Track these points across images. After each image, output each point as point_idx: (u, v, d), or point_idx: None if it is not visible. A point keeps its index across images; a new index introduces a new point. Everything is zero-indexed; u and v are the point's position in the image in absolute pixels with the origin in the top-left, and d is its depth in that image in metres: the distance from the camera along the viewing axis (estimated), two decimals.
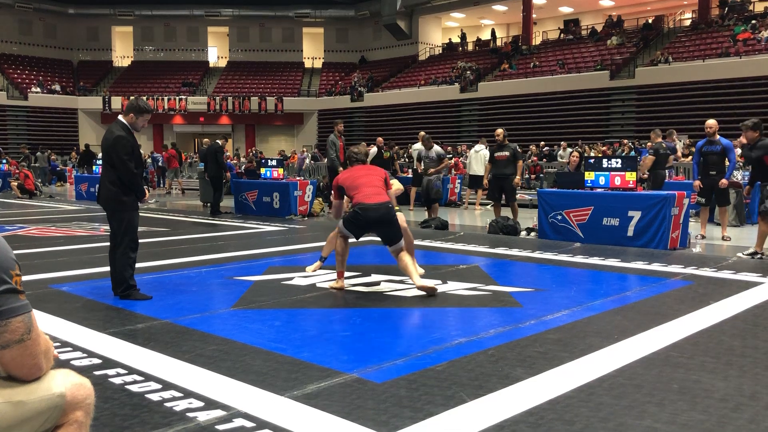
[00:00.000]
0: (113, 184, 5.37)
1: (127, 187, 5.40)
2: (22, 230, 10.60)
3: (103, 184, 5.48)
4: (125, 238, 5.43)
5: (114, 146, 5.34)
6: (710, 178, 9.16)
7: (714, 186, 9.16)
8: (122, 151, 5.33)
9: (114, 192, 5.37)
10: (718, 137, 9.12)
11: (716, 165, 9.14)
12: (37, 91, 38.09)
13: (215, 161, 13.34)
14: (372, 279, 6.21)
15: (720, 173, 9.13)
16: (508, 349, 3.93)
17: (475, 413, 2.95)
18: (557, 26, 37.43)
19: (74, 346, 4.01)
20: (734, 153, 9.26)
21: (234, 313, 4.95)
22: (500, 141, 10.91)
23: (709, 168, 9.18)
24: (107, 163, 5.43)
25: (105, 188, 5.44)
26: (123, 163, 5.34)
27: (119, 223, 5.43)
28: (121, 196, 5.38)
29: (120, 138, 5.37)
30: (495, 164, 10.88)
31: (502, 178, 10.79)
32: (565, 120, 28.24)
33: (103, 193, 5.46)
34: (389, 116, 35.61)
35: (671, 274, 6.42)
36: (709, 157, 9.17)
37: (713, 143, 9.11)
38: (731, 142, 9.36)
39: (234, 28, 43.85)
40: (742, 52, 24.76)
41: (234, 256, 7.74)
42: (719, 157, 9.13)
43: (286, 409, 3.01)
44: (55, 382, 1.83)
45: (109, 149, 5.36)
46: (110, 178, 5.40)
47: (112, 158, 5.36)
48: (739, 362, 3.67)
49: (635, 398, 3.12)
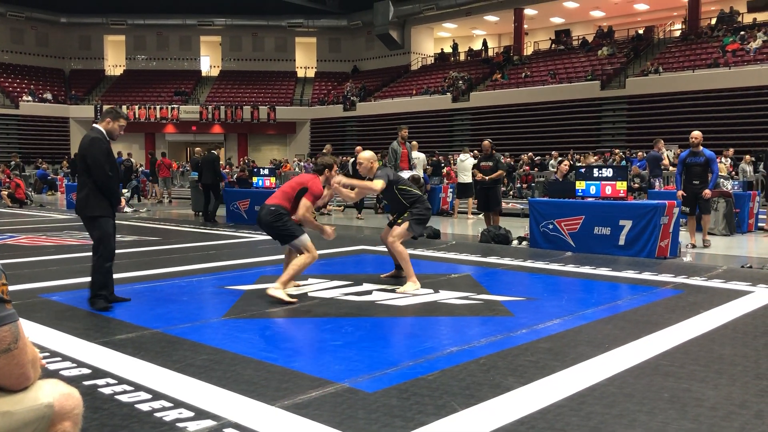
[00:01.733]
0: (86, 188, 5.27)
1: (102, 192, 5.27)
2: (12, 239, 10.53)
3: (79, 191, 5.36)
4: (100, 244, 5.34)
5: (89, 149, 5.22)
6: (693, 187, 9.33)
7: (697, 194, 9.31)
8: (98, 153, 5.20)
9: (86, 197, 5.27)
10: (702, 148, 9.28)
11: (699, 175, 9.32)
12: (28, 100, 37.99)
13: (212, 170, 13.45)
14: (364, 288, 6.21)
15: (703, 183, 9.29)
16: (500, 358, 3.93)
17: (466, 422, 2.95)
18: (548, 37, 37.68)
19: (63, 355, 3.99)
20: (716, 164, 9.44)
21: (225, 322, 4.93)
22: (487, 152, 11.22)
23: (693, 178, 9.36)
24: (82, 169, 5.29)
25: (79, 194, 5.33)
26: (98, 165, 5.20)
27: (92, 230, 5.34)
28: (93, 201, 5.27)
29: (96, 140, 5.26)
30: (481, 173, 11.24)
31: (486, 188, 11.10)
32: (556, 130, 28.38)
33: (78, 198, 5.35)
34: (381, 126, 35.67)
35: (662, 283, 6.45)
36: (693, 168, 9.36)
37: (697, 154, 9.29)
38: (714, 154, 9.52)
39: (226, 38, 43.90)
40: (731, 63, 24.99)
41: (225, 265, 7.72)
42: (702, 168, 9.30)
43: (276, 419, 2.99)
44: (42, 392, 1.82)
45: (85, 152, 5.24)
46: (84, 183, 5.29)
47: (87, 162, 5.23)
48: (730, 371, 3.68)
49: (626, 407, 3.12)
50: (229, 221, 13.41)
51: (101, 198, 5.29)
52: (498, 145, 24.80)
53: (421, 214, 6.44)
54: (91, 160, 5.20)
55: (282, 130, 41.02)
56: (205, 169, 13.66)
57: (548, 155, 24.13)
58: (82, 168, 5.32)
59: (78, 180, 5.42)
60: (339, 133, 37.77)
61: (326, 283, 6.47)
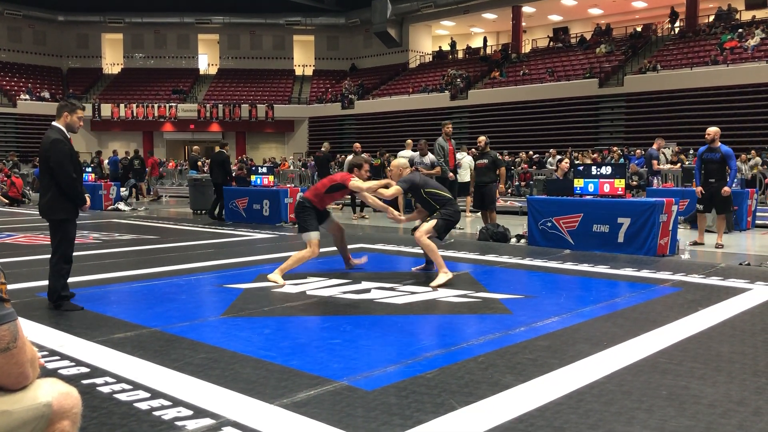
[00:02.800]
0: (50, 191, 5.15)
1: (66, 195, 5.14)
2: (9, 238, 10.52)
3: (43, 194, 5.22)
4: (60, 248, 5.24)
5: (50, 150, 5.06)
6: (710, 185, 9.10)
7: (714, 194, 9.09)
8: (60, 156, 5.05)
9: (50, 200, 5.15)
10: (719, 144, 9.04)
11: (716, 172, 9.06)
12: (26, 99, 37.93)
13: (222, 169, 13.67)
14: (362, 286, 6.20)
15: (719, 181, 9.05)
16: (498, 356, 3.94)
17: (464, 420, 2.95)
18: (546, 34, 37.70)
19: (62, 354, 3.98)
20: (734, 160, 9.13)
21: (224, 321, 4.93)
22: (482, 148, 10.94)
23: (709, 175, 9.11)
24: (44, 171, 5.16)
25: (43, 197, 5.20)
26: (62, 167, 5.06)
27: (58, 233, 5.24)
28: (58, 204, 5.15)
29: (57, 141, 5.09)
30: (476, 172, 10.98)
31: (481, 185, 10.89)
32: (554, 127, 28.39)
33: (42, 201, 5.22)
34: (379, 124, 35.68)
35: (660, 281, 6.45)
36: (709, 165, 9.10)
37: (713, 150, 9.02)
38: (731, 150, 9.31)
39: (224, 36, 43.86)
40: (729, 61, 25.01)
41: (224, 263, 7.72)
42: (719, 164, 9.04)
43: (275, 418, 3.00)
44: (41, 391, 1.82)
45: (47, 154, 5.07)
46: (47, 185, 5.16)
47: (49, 165, 5.09)
48: (728, 368, 3.69)
49: (624, 405, 3.13)
50: (227, 220, 13.40)
51: (65, 200, 5.15)
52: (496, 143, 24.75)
53: (449, 215, 6.58)
54: (54, 163, 5.05)
55: (280, 129, 41.01)
56: (216, 168, 13.83)
57: (546, 153, 24.15)
58: (44, 169, 5.17)
59: (41, 182, 5.29)
60: (337, 131, 37.76)
61: (325, 281, 6.47)
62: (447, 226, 6.63)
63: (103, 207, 16.99)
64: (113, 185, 17.97)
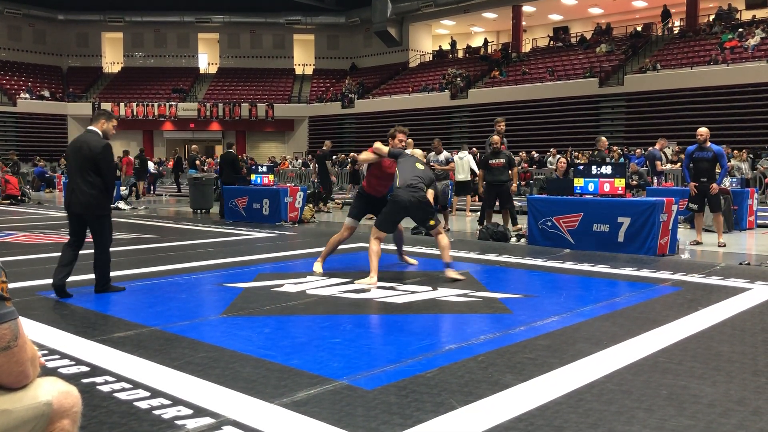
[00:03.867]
0: (97, 189, 5.58)
1: (109, 190, 5.68)
2: (9, 237, 10.52)
3: (80, 190, 5.57)
4: (106, 239, 5.74)
5: (103, 153, 5.56)
6: (701, 184, 9.23)
7: (706, 192, 9.22)
8: (111, 159, 5.67)
9: (98, 198, 5.60)
10: (710, 144, 9.18)
11: (707, 171, 9.21)
12: (26, 97, 37.91)
13: (233, 169, 14.00)
14: (362, 285, 6.20)
15: (711, 179, 9.20)
16: (498, 355, 3.94)
17: (464, 420, 2.95)
18: (547, 34, 37.67)
19: (62, 353, 3.98)
20: (725, 159, 9.30)
21: (224, 320, 4.93)
22: (496, 148, 10.79)
23: (700, 174, 9.25)
24: (90, 170, 5.56)
25: (86, 194, 5.57)
26: (112, 170, 5.68)
27: (103, 227, 5.70)
28: (104, 201, 5.66)
29: (108, 146, 5.64)
30: (490, 171, 10.76)
31: (498, 184, 10.71)
32: (554, 127, 28.38)
33: (84, 199, 5.57)
34: (380, 123, 35.61)
35: (660, 280, 6.46)
36: (700, 164, 9.24)
37: (704, 150, 9.17)
38: (722, 149, 9.42)
39: (224, 35, 43.83)
40: (729, 60, 25.00)
41: (224, 262, 7.72)
42: (710, 163, 9.20)
43: (275, 417, 3.00)
44: (41, 390, 1.82)
45: (97, 157, 5.53)
46: (93, 183, 5.56)
47: (99, 165, 5.55)
48: (727, 368, 3.69)
49: (624, 404, 3.13)
50: (227, 219, 13.40)
51: (107, 197, 5.69)
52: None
53: (386, 210, 6.69)
54: (105, 165, 5.59)
55: (280, 128, 40.99)
56: (226, 168, 14.03)
57: (547, 152, 24.15)
58: (84, 168, 5.57)
59: (82, 180, 5.59)
60: (337, 130, 37.76)
61: (325, 280, 6.47)
62: (386, 219, 6.62)
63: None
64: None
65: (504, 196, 10.74)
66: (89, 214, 5.64)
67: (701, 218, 9.58)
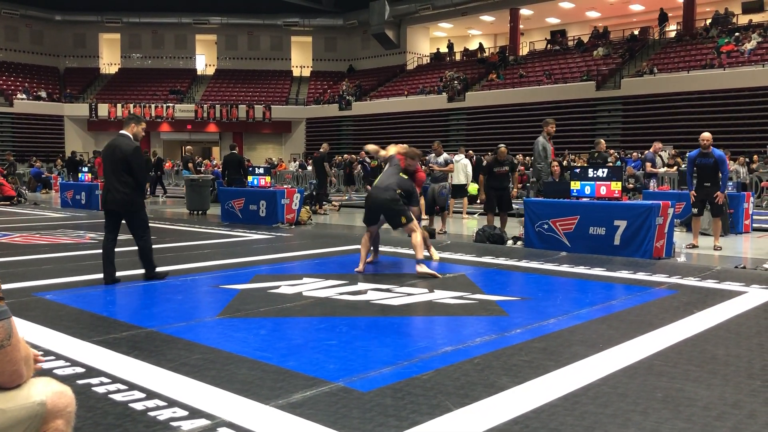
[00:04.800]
0: (130, 188, 6.21)
1: (141, 188, 6.35)
2: (5, 238, 10.49)
3: (115, 189, 6.21)
4: (146, 231, 6.41)
5: (134, 155, 6.21)
6: (704, 189, 9.23)
7: (707, 197, 9.23)
8: (142, 161, 6.33)
9: (131, 195, 6.24)
10: (712, 149, 9.18)
11: (710, 177, 9.20)
12: (22, 98, 37.84)
13: (238, 171, 14.38)
14: (358, 287, 6.21)
15: (714, 185, 9.18)
16: (494, 357, 3.94)
17: (460, 422, 2.95)
18: (544, 37, 37.76)
19: (57, 354, 3.97)
20: (726, 165, 9.30)
21: (219, 321, 4.92)
22: (502, 157, 11.13)
23: (703, 180, 9.25)
24: (123, 170, 6.19)
25: (120, 192, 6.21)
26: (143, 169, 6.33)
27: (140, 221, 6.35)
28: (138, 198, 6.31)
29: (138, 148, 6.32)
30: (494, 177, 11.04)
31: (501, 189, 11.10)
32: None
33: (119, 197, 6.21)
34: (377, 125, 35.69)
35: (656, 284, 6.47)
36: (703, 170, 9.23)
37: (707, 155, 9.16)
38: (723, 154, 9.41)
39: (222, 36, 43.82)
40: (725, 64, 25.08)
41: (220, 264, 7.71)
42: (712, 169, 9.17)
43: (271, 419, 2.99)
44: (35, 389, 1.81)
45: (129, 157, 6.17)
46: (126, 183, 6.20)
47: (131, 166, 6.18)
48: (723, 371, 3.69)
49: (619, 407, 3.13)
50: (224, 220, 13.39)
51: (139, 194, 6.35)
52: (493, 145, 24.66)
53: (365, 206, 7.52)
54: (136, 165, 6.20)
55: (277, 129, 40.98)
56: (231, 170, 14.16)
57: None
58: (118, 170, 6.20)
59: (116, 180, 6.22)
60: (335, 132, 37.76)
61: (321, 282, 6.47)
62: (366, 215, 7.38)
63: (99, 207, 16.96)
64: None
65: (505, 200, 11.01)
66: (124, 210, 6.27)
67: (699, 222, 9.59)
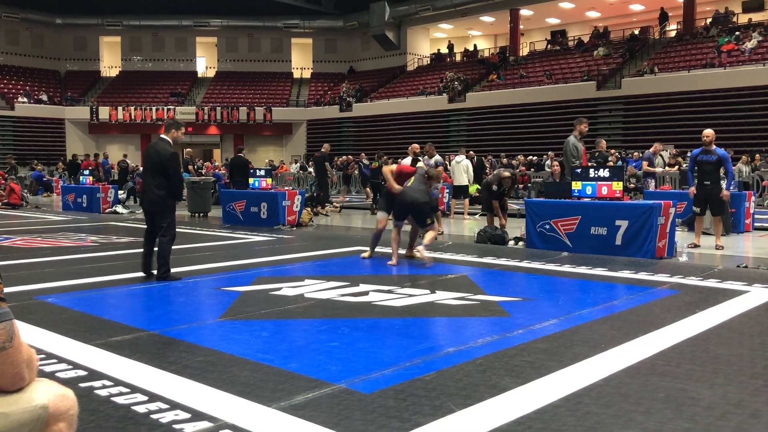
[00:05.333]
0: (163, 190, 6.61)
1: (174, 192, 6.70)
2: (7, 241, 10.50)
3: (150, 190, 6.69)
4: (171, 232, 6.69)
5: (170, 160, 6.57)
6: (704, 187, 9.12)
7: (709, 196, 9.12)
8: (178, 166, 6.68)
9: (163, 197, 6.64)
10: (714, 147, 9.08)
11: (711, 174, 9.09)
12: (24, 102, 37.89)
13: (244, 173, 14.67)
14: (360, 289, 6.20)
15: (714, 183, 9.09)
16: (496, 358, 3.94)
17: (462, 423, 2.95)
18: (544, 37, 37.73)
19: (59, 357, 3.98)
20: (731, 163, 9.16)
21: (221, 323, 4.92)
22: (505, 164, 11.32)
23: (704, 177, 9.12)
24: (158, 173, 6.61)
25: (154, 194, 6.66)
26: (179, 174, 6.68)
27: (167, 222, 6.66)
28: (169, 200, 6.70)
29: (175, 154, 6.63)
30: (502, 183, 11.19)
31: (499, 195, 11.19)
32: (552, 130, 28.37)
33: (152, 197, 6.68)
34: (378, 126, 35.70)
35: (658, 283, 6.46)
36: (704, 167, 9.11)
37: (709, 153, 9.06)
38: (727, 153, 9.31)
39: (222, 39, 43.85)
40: (726, 64, 25.06)
41: (222, 266, 7.71)
42: (714, 166, 9.06)
43: (273, 421, 2.99)
44: (37, 393, 1.81)
45: (166, 162, 6.56)
46: (160, 185, 6.60)
47: (167, 169, 6.54)
48: (725, 370, 3.69)
49: (622, 407, 3.13)
50: (225, 222, 13.39)
51: (172, 197, 6.74)
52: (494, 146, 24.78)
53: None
54: (174, 170, 6.58)
55: (278, 131, 40.99)
56: (237, 173, 14.37)
57: (544, 156, 24.16)
58: (156, 173, 6.63)
59: (152, 181, 6.67)
60: (335, 133, 37.76)
61: (323, 283, 6.47)
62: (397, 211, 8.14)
63: (101, 210, 16.98)
64: (111, 188, 17.95)
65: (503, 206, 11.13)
66: (156, 210, 6.68)
67: (701, 221, 9.52)
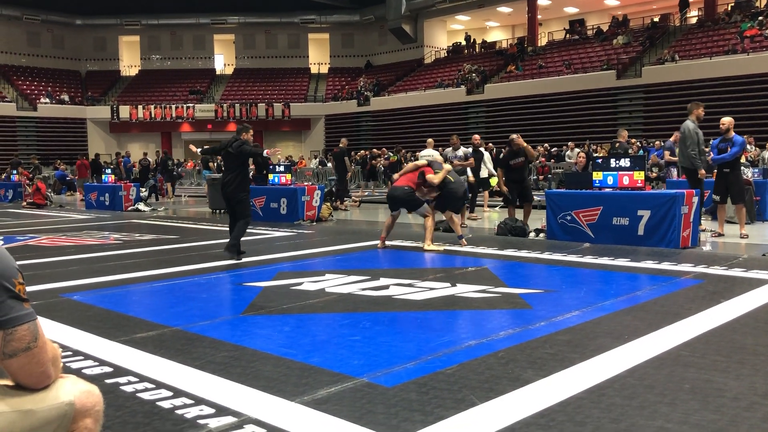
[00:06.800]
0: (243, 180, 8.03)
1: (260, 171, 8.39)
2: (32, 240, 10.66)
3: (228, 182, 8.01)
4: (244, 218, 8.06)
5: (251, 153, 8.13)
6: (724, 175, 9.08)
7: (729, 183, 9.08)
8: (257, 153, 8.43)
9: (236, 189, 7.98)
10: (733, 135, 8.99)
11: (729, 162, 9.02)
12: (46, 102, 38.40)
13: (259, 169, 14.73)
14: (381, 283, 6.21)
15: (734, 170, 9.04)
16: (519, 351, 3.92)
17: (485, 416, 2.94)
18: (562, 27, 37.38)
19: (85, 354, 4.03)
20: (738, 148, 9.06)
21: (244, 319, 4.96)
22: (517, 148, 10.66)
23: (723, 165, 9.07)
24: (241, 164, 8.05)
25: (231, 186, 7.99)
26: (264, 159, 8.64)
27: (242, 210, 8.06)
28: (239, 192, 8.01)
29: (257, 146, 8.47)
30: (511, 170, 10.66)
31: (520, 181, 10.71)
32: (572, 120, 28.18)
33: (229, 189, 8.01)
34: (396, 120, 35.66)
35: (682, 273, 6.39)
36: (723, 154, 9.02)
37: (727, 140, 8.98)
38: (743, 139, 9.20)
39: (240, 36, 44.06)
40: (749, 49, 24.63)
41: (243, 262, 7.76)
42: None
43: (296, 415, 3.01)
44: (63, 390, 1.84)
45: (250, 154, 8.12)
46: (242, 175, 8.05)
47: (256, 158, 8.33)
48: (752, 360, 3.64)
49: (646, 398, 3.10)
50: None
51: (247, 185, 8.14)
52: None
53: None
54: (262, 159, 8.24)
55: (297, 127, 41.13)
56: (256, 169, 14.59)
57: (564, 146, 23.97)
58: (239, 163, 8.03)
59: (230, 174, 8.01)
60: (353, 128, 37.80)
61: (343, 278, 6.48)
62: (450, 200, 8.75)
63: (123, 208, 17.16)
64: (133, 186, 18.11)
65: (526, 191, 10.70)
66: (233, 197, 8.02)
67: (724, 209, 9.43)
